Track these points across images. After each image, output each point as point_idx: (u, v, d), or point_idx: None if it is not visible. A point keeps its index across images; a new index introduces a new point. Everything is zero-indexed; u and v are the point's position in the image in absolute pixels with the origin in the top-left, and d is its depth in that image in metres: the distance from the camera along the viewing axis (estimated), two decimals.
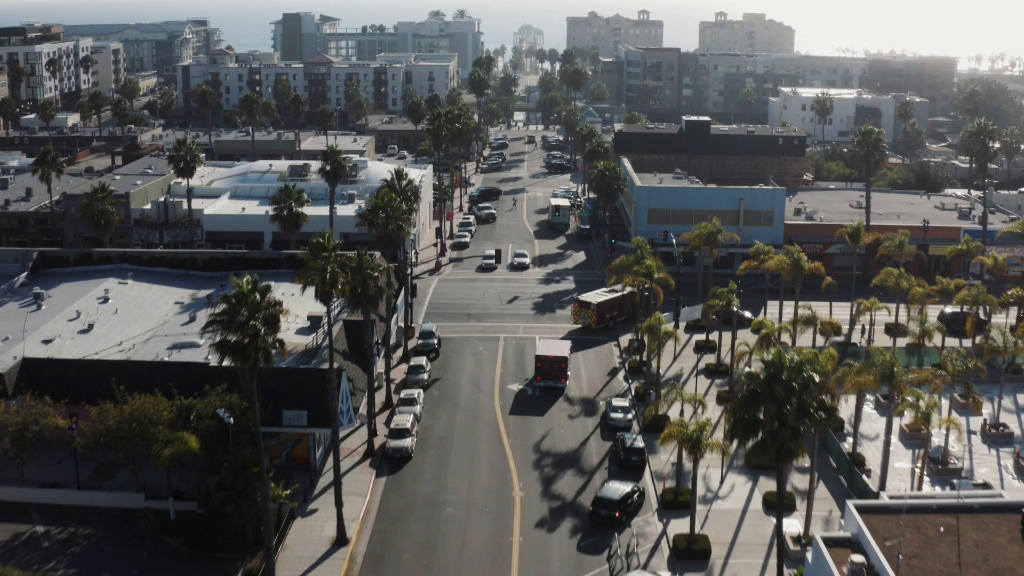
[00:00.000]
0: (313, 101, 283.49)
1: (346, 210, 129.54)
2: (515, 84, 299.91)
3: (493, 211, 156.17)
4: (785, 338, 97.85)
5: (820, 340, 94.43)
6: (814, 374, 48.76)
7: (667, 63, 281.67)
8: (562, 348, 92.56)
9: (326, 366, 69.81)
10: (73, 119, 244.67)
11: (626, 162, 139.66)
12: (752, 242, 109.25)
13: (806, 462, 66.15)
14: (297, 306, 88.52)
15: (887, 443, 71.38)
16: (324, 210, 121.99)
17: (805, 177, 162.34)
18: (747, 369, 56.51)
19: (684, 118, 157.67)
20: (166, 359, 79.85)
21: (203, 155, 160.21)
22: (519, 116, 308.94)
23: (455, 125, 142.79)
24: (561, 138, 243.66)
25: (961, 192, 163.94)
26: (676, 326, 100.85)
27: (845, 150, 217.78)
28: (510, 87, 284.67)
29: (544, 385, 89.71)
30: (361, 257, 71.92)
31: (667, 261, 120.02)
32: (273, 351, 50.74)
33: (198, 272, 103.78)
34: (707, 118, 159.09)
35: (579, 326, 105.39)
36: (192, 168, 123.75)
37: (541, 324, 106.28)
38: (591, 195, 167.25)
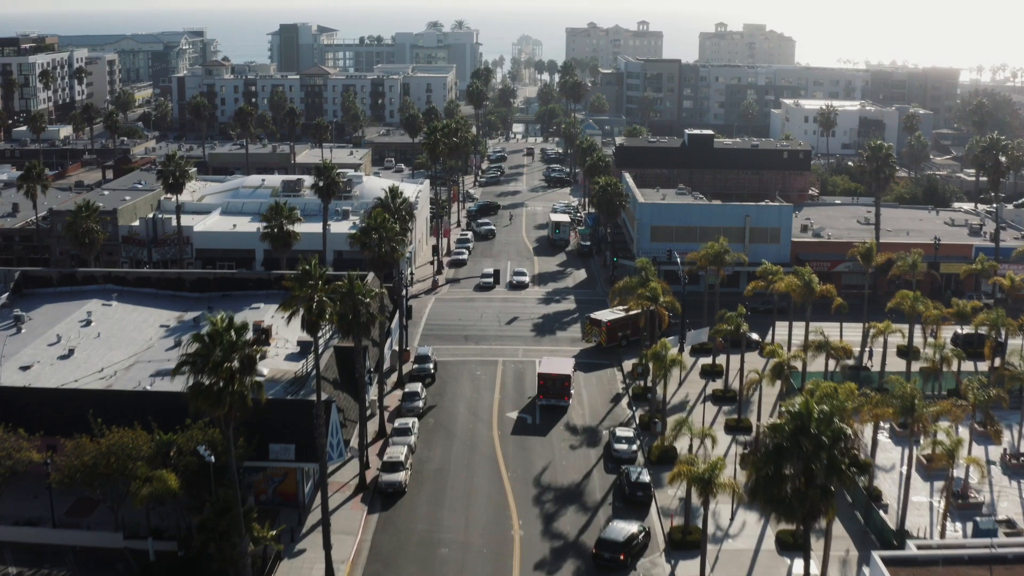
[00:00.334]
0: (309, 113, 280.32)
1: (340, 227, 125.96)
2: (514, 96, 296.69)
3: (492, 227, 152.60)
4: (795, 363, 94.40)
5: (831, 363, 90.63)
6: (844, 427, 44.91)
7: (667, 74, 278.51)
8: (565, 366, 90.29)
9: (315, 397, 66.14)
10: (65, 131, 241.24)
11: (628, 177, 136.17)
12: (759, 261, 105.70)
13: None
14: (287, 330, 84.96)
15: (907, 478, 67.69)
16: (317, 227, 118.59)
17: (811, 192, 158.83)
18: (770, 419, 52.67)
19: (687, 132, 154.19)
20: (148, 387, 76.23)
21: (194, 169, 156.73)
22: (518, 128, 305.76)
23: (452, 139, 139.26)
24: (560, 150, 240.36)
25: (968, 206, 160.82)
26: (681, 350, 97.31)
27: (850, 163, 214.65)
28: (509, 99, 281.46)
29: (547, 404, 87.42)
30: (352, 282, 68.27)
31: (671, 280, 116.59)
32: (249, 396, 46.94)
33: (185, 293, 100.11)
34: (710, 132, 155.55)
35: (591, 344, 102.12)
36: (181, 184, 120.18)
37: (541, 347, 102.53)
38: (591, 210, 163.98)
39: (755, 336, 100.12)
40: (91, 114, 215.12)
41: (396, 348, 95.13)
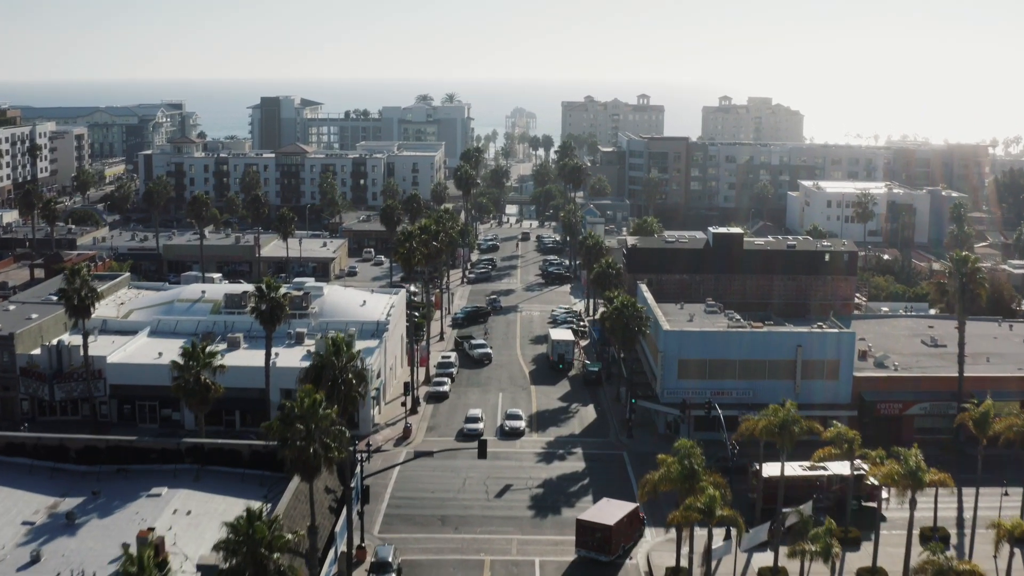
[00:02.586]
0: (285, 194, 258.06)
1: (291, 356, 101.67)
2: (507, 176, 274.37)
3: (488, 350, 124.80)
4: (887, 561, 70.28)
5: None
6: None
7: (674, 153, 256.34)
8: (613, 514, 74.22)
9: None
10: (9, 216, 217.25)
11: (645, 292, 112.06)
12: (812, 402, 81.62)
13: None
14: (189, 537, 60.41)
15: None
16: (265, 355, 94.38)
17: (857, 300, 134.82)
18: None
19: (711, 230, 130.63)
20: None
21: (124, 276, 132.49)
22: (511, 210, 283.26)
23: (433, 244, 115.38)
24: (558, 238, 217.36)
25: None
26: (736, 542, 72.29)
27: (885, 256, 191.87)
28: (501, 179, 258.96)
29: (586, 555, 73.53)
30: (252, 521, 43.60)
31: (706, 425, 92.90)
32: None
33: (69, 466, 75.02)
34: (738, 230, 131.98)
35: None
36: (88, 308, 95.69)
37: (542, 535, 77.32)
38: (597, 307, 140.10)
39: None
40: (30, 199, 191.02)
41: (344, 549, 69.91)
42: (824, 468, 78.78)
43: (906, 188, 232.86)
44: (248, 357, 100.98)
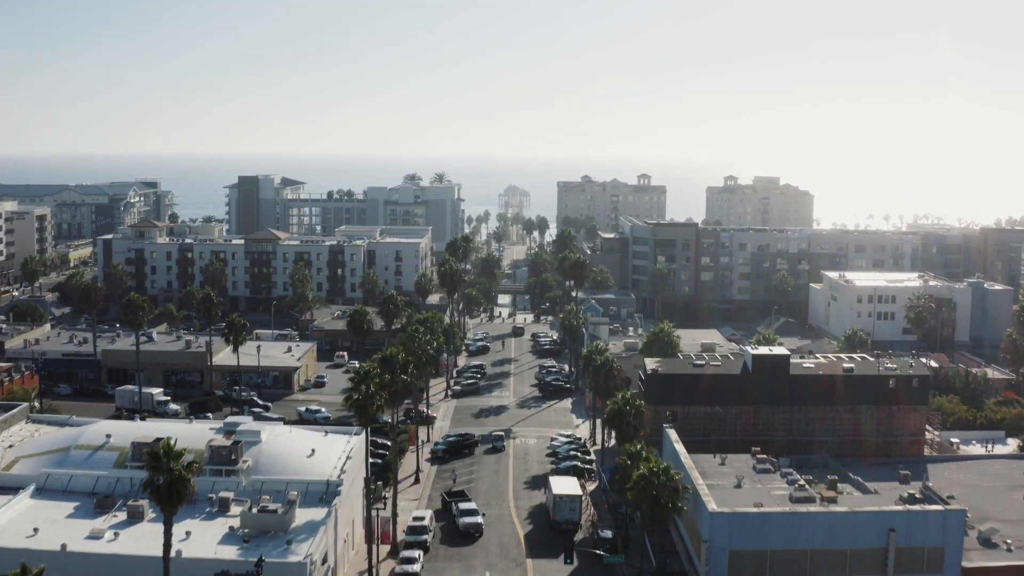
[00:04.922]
0: (255, 285, 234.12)
1: (206, 538, 76.11)
2: (498, 265, 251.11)
3: (480, 519, 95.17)
4: None
5: None
6: None
7: (682, 240, 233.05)
8: None
9: None
10: None
11: (675, 442, 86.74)
12: None
13: None
14: None
15: None
16: (183, 528, 68.82)
17: (928, 436, 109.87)
18: None
19: (750, 351, 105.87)
20: None
21: (23, 407, 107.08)
22: (503, 300, 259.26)
23: (401, 377, 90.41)
24: (556, 336, 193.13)
25: None
26: None
27: (933, 364, 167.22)
28: (493, 269, 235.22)
29: None
30: None
31: None
32: None
33: None
34: (785, 351, 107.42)
35: None
36: None
37: None
38: (603, 434, 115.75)
39: None
40: None
41: None
42: None
43: (943, 279, 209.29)
44: (152, 536, 75.40)
